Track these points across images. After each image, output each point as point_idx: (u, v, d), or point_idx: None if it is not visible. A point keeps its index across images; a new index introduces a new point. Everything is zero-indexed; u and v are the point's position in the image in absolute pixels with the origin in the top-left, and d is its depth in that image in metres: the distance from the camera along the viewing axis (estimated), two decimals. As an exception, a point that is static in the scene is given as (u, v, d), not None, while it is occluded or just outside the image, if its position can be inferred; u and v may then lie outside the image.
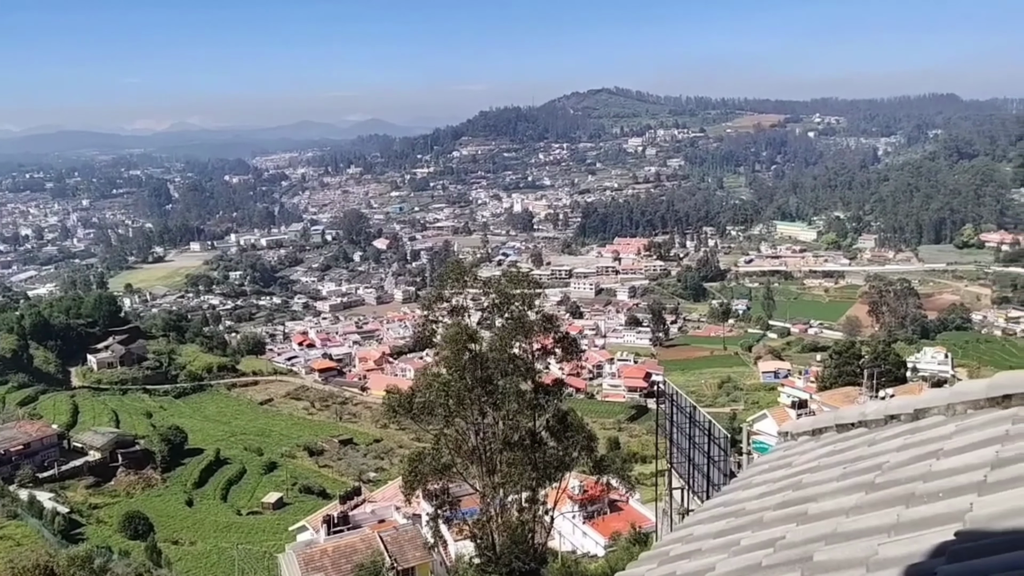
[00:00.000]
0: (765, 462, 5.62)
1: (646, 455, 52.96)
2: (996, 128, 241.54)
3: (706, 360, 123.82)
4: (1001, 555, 2.40)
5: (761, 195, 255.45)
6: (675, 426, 23.91)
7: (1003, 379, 3.98)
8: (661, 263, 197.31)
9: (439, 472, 23.50)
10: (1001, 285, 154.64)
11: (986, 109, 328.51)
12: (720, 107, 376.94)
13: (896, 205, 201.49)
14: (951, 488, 3.10)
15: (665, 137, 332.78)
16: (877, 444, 4.40)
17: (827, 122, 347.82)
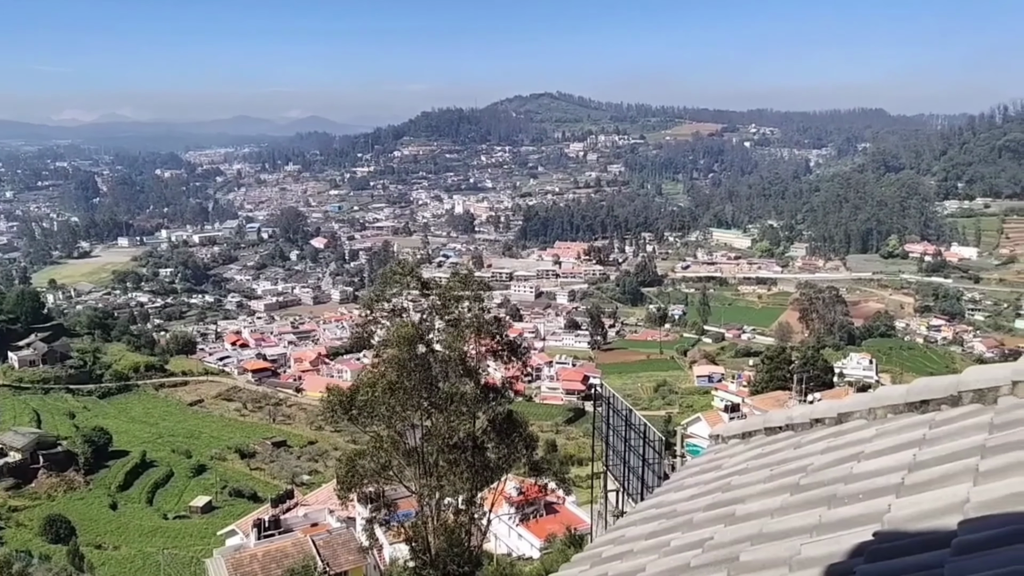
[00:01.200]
0: (696, 465, 5.73)
1: (583, 457, 53.47)
2: (921, 143, 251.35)
3: (643, 364, 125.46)
4: (916, 555, 2.48)
5: (698, 202, 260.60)
6: (611, 429, 24.17)
7: (921, 385, 4.14)
8: (600, 267, 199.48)
9: (376, 474, 23.23)
10: (923, 294, 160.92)
11: (912, 124, 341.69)
12: (660, 115, 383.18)
13: (826, 215, 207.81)
14: (871, 490, 3.21)
15: (606, 143, 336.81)
16: (803, 447, 4.53)
17: (762, 133, 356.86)
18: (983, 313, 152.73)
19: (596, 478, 27.00)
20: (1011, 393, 3.56)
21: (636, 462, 22.39)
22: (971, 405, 3.73)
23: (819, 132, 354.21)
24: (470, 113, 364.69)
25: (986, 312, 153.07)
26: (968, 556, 2.27)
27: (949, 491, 2.81)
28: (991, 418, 3.37)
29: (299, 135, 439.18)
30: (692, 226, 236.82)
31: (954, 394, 3.87)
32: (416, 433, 23.22)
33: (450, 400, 22.03)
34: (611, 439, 24.24)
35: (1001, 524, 2.39)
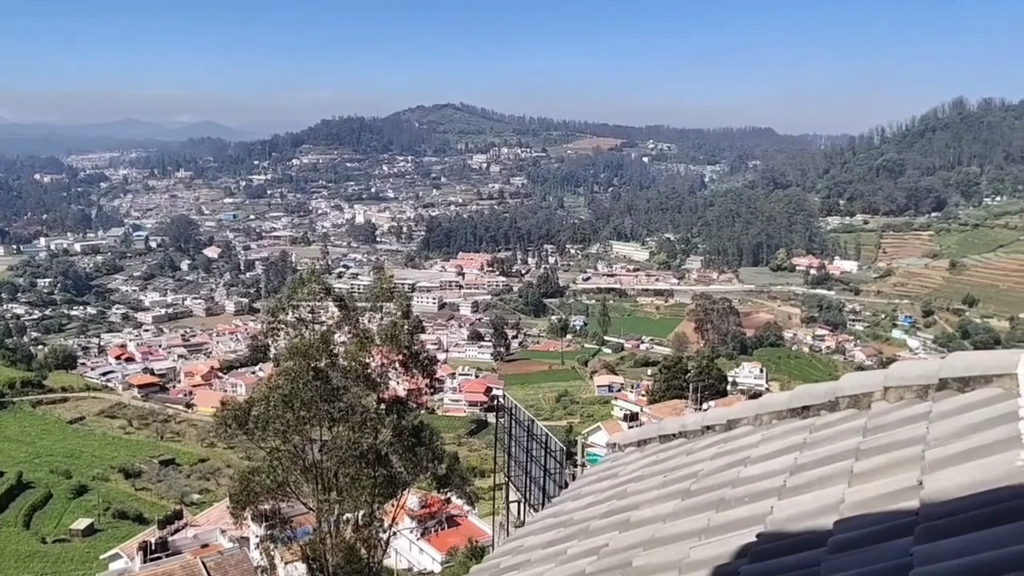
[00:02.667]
0: (594, 473, 5.82)
1: (485, 469, 53.45)
2: (806, 161, 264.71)
3: (545, 374, 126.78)
4: (796, 555, 2.57)
5: (599, 215, 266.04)
6: (514, 440, 24.31)
7: (802, 392, 4.34)
8: (504, 279, 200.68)
9: (272, 490, 22.50)
10: (809, 306, 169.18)
11: (798, 144, 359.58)
12: (561, 128, 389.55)
13: (720, 229, 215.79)
14: (755, 493, 3.34)
15: (509, 155, 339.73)
16: (694, 453, 4.67)
17: (660, 148, 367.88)
18: (863, 323, 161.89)
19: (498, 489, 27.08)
20: (883, 398, 3.77)
21: (538, 472, 22.61)
22: (847, 410, 3.93)
23: (713, 149, 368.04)
24: (372, 122, 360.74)
25: (865, 322, 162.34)
26: (842, 554, 2.36)
27: (826, 492, 2.96)
28: (865, 422, 3.57)
29: (191, 140, 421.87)
30: (593, 238, 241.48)
31: (832, 400, 4.07)
32: (316, 447, 22.65)
33: (352, 413, 21.62)
34: (513, 450, 24.40)
35: (872, 523, 2.52)
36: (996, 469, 2.41)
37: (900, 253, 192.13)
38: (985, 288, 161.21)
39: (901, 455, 2.94)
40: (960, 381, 3.36)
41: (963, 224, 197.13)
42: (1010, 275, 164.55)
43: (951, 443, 2.78)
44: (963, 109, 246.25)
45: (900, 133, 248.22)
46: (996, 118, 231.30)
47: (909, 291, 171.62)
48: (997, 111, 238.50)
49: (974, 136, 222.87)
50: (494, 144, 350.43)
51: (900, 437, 3.13)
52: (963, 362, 3.44)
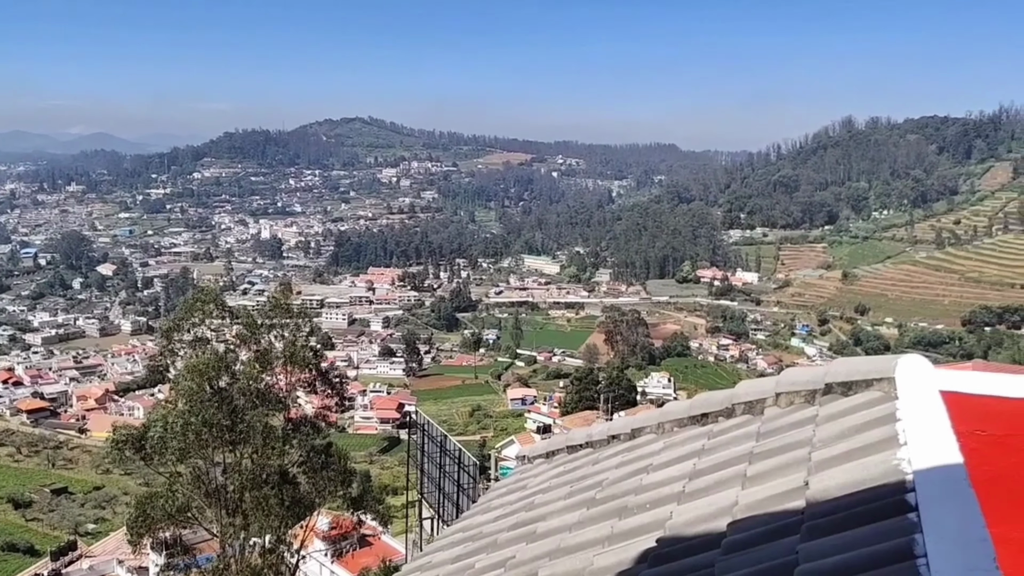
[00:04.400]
0: (503, 486, 5.84)
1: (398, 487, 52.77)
2: (708, 176, 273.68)
3: (458, 389, 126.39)
4: (693, 557, 2.64)
5: (510, 229, 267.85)
6: (427, 456, 24.15)
7: (701, 399, 4.49)
8: (415, 293, 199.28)
9: (173, 517, 21.57)
10: (713, 316, 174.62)
11: (701, 160, 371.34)
12: (472, 143, 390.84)
13: (628, 242, 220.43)
14: (656, 499, 3.43)
15: (419, 169, 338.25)
16: (600, 462, 4.75)
17: (568, 163, 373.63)
18: (764, 332, 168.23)
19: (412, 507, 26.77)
20: (775, 404, 3.94)
21: (451, 488, 22.51)
22: (743, 416, 4.08)
23: (620, 164, 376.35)
24: (277, 135, 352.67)
25: (766, 331, 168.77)
26: (735, 554, 2.45)
27: (722, 496, 3.06)
28: (758, 427, 3.71)
29: (84, 153, 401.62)
30: (504, 252, 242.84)
31: (729, 407, 4.22)
32: (219, 470, 21.87)
33: (255, 434, 20.97)
34: (426, 466, 24.23)
35: (762, 523, 2.61)
36: (875, 468, 2.50)
37: (797, 264, 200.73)
38: (875, 297, 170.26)
39: (790, 457, 3.07)
40: (844, 385, 3.54)
41: (854, 236, 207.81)
42: (897, 285, 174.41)
43: (835, 444, 2.93)
44: (852, 127, 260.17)
45: (795, 150, 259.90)
46: (882, 136, 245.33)
47: (806, 301, 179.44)
48: (883, 129, 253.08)
49: (862, 153, 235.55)
50: (404, 158, 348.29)
51: (789, 440, 3.28)
52: (846, 367, 3.63)
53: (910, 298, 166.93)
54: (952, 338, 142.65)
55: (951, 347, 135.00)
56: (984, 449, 3.09)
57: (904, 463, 2.46)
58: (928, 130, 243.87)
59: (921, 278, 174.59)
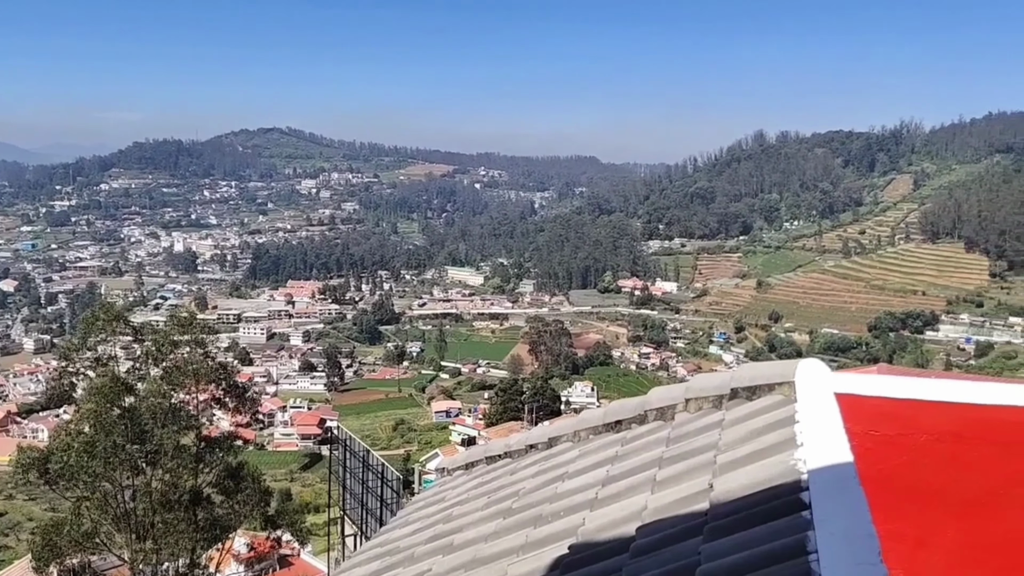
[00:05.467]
0: (422, 499, 5.80)
1: (320, 504, 51.69)
2: (628, 188, 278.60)
3: (381, 403, 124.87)
4: (602, 562, 2.69)
5: (433, 241, 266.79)
6: (349, 472, 23.77)
7: (615, 407, 4.57)
8: (336, 306, 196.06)
9: (80, 543, 20.59)
10: (634, 325, 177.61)
11: (620, 172, 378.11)
12: (393, 154, 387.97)
13: (550, 253, 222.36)
14: (570, 507, 3.47)
15: (339, 181, 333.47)
16: (518, 472, 4.77)
17: (491, 175, 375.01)
18: (683, 340, 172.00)
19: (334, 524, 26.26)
20: (685, 409, 4.04)
21: (374, 504, 22.21)
22: (655, 422, 4.18)
23: (542, 176, 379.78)
24: (191, 145, 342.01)
25: (686, 339, 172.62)
26: (642, 558, 2.51)
27: (632, 501, 3.13)
28: (668, 433, 3.81)
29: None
30: (428, 264, 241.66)
31: (641, 413, 4.31)
32: (128, 493, 20.99)
33: (166, 455, 20.23)
34: (349, 482, 23.84)
35: (669, 526, 2.66)
36: (775, 468, 2.59)
37: (714, 274, 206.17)
38: (787, 304, 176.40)
39: (697, 461, 3.16)
40: (748, 390, 3.66)
41: (767, 246, 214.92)
42: (808, 292, 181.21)
43: (738, 447, 3.03)
44: (764, 141, 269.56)
45: (710, 163, 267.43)
46: (792, 149, 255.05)
47: (723, 309, 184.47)
48: (792, 143, 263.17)
49: (773, 166, 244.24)
50: (324, 169, 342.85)
51: (697, 444, 3.37)
52: (750, 373, 3.76)
53: (820, 305, 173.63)
54: (859, 343, 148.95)
55: (859, 352, 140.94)
56: (876, 448, 3.25)
57: (800, 463, 2.54)
58: (834, 144, 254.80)
59: (830, 286, 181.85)
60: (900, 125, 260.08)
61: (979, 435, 3.24)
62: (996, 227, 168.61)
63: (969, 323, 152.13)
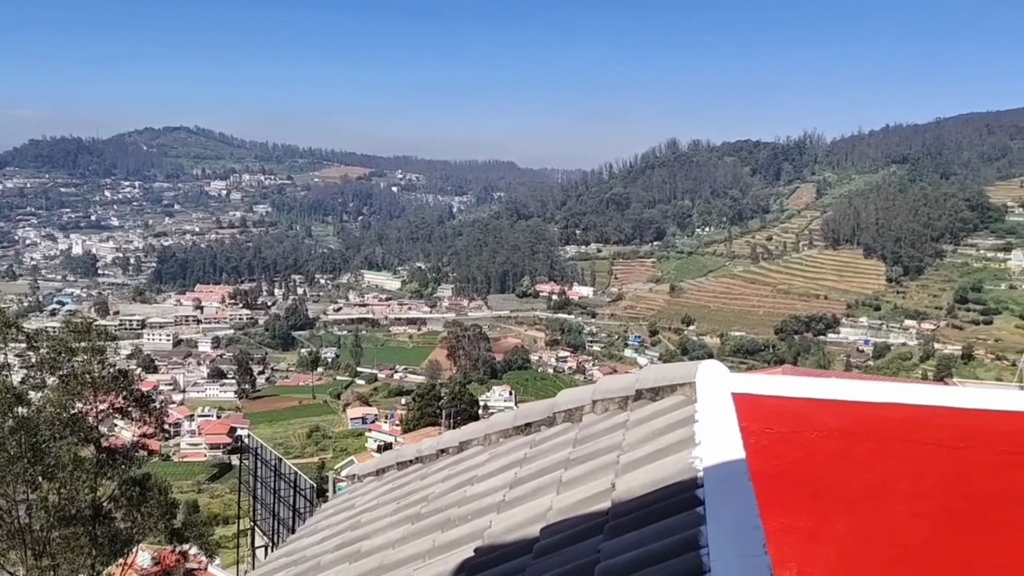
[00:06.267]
0: (331, 507, 5.71)
1: (229, 516, 50.23)
2: (546, 194, 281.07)
3: (295, 410, 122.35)
4: (507, 563, 2.71)
5: (349, 245, 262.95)
6: (260, 481, 23.18)
7: (524, 409, 4.61)
8: (248, 311, 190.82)
9: (-32, 565, 19.39)
10: (552, 329, 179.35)
11: (538, 177, 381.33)
12: (308, 156, 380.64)
13: (469, 258, 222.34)
14: (478, 510, 3.48)
15: (251, 182, 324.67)
16: (428, 477, 4.75)
17: (408, 179, 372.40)
18: (600, 344, 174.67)
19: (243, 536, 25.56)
20: (592, 411, 4.11)
21: (286, 513, 21.71)
22: (563, 424, 4.23)
23: (460, 180, 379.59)
24: (91, 144, 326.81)
25: (602, 343, 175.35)
26: (544, 558, 2.55)
27: (538, 502, 3.15)
28: (576, 434, 3.86)
29: None
30: (343, 268, 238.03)
31: (550, 415, 4.36)
32: (24, 508, 19.89)
33: (64, 467, 19.26)
34: (259, 492, 23.24)
35: (572, 526, 2.70)
36: (673, 467, 2.66)
37: (629, 278, 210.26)
38: (699, 308, 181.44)
39: (601, 461, 3.22)
40: (652, 391, 3.75)
41: (680, 252, 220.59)
42: (718, 297, 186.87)
43: (641, 447, 3.10)
44: (676, 149, 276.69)
45: (625, 169, 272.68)
46: (703, 157, 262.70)
47: (638, 313, 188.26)
48: (704, 151, 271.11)
49: (686, 173, 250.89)
50: (234, 170, 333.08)
51: (602, 445, 3.43)
52: (654, 374, 3.85)
53: (730, 309, 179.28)
54: (767, 345, 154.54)
55: (766, 354, 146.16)
56: (771, 446, 3.38)
57: (697, 461, 2.61)
58: (743, 153, 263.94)
59: (739, 290, 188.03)
60: (804, 136, 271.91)
61: (866, 432, 3.41)
62: (892, 234, 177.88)
63: (868, 326, 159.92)
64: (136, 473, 22.21)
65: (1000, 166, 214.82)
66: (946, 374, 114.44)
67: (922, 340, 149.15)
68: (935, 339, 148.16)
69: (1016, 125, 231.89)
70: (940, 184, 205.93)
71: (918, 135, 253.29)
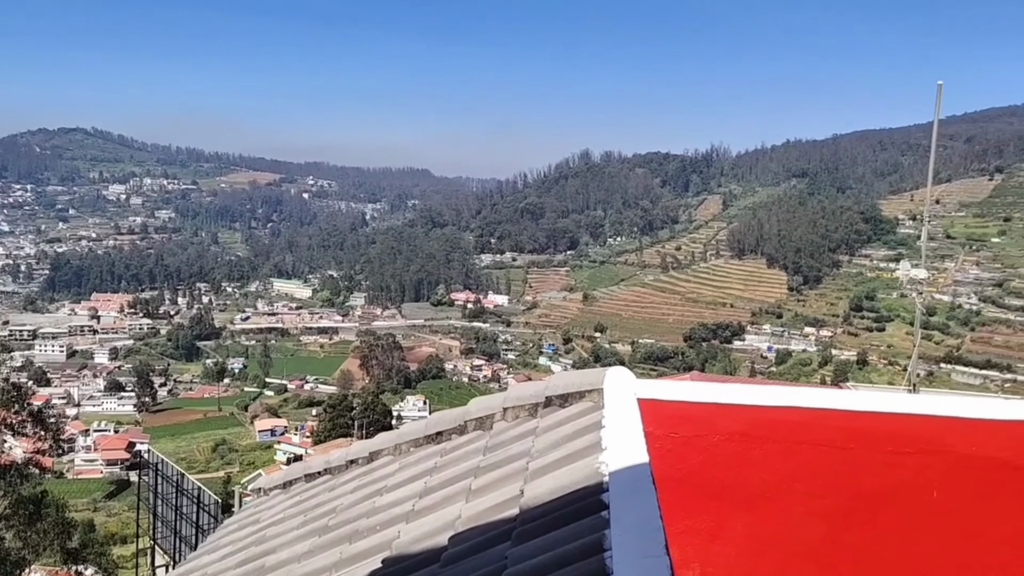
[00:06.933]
0: (235, 522, 5.53)
1: (128, 534, 48.05)
2: (461, 202, 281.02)
3: (199, 423, 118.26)
4: (415, 573, 2.69)
5: (258, 252, 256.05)
6: (160, 498, 22.24)
7: (435, 418, 4.59)
8: (149, 321, 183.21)
9: None
10: (467, 338, 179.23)
11: (453, 185, 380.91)
12: (214, 160, 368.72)
13: (383, 266, 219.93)
14: (387, 520, 3.43)
15: (153, 187, 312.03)
16: (336, 488, 4.66)
17: (320, 185, 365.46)
18: (514, 352, 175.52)
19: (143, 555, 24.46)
20: (503, 418, 4.12)
21: (189, 531, 20.89)
22: (474, 432, 4.23)
23: (373, 187, 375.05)
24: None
25: (517, 351, 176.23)
26: (452, 566, 2.56)
27: (447, 511, 3.14)
28: (486, 442, 3.86)
29: None
30: (252, 276, 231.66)
31: (462, 424, 4.35)
32: None
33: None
34: (160, 509, 22.28)
35: (480, 534, 2.71)
36: (581, 472, 2.69)
37: (543, 287, 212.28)
38: (611, 317, 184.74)
39: (511, 468, 3.23)
40: (561, 398, 3.80)
41: (592, 261, 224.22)
42: (630, 305, 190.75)
43: (549, 453, 3.12)
44: (589, 160, 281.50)
45: (539, 179, 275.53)
46: (615, 168, 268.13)
47: (552, 321, 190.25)
48: (616, 163, 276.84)
49: (598, 183, 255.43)
50: (135, 174, 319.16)
51: (512, 452, 3.45)
52: (563, 381, 3.90)
53: (641, 317, 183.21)
54: (676, 353, 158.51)
55: (675, 361, 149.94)
56: (676, 449, 3.47)
57: (603, 466, 2.63)
58: (653, 165, 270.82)
59: (649, 299, 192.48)
60: (711, 149, 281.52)
61: (765, 434, 3.54)
62: (793, 245, 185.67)
63: (771, 333, 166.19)
64: (29, 491, 21.04)
65: (892, 181, 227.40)
66: (843, 379, 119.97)
67: (821, 346, 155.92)
68: (833, 345, 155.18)
69: (907, 142, 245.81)
70: (837, 197, 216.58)
71: (816, 150, 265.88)
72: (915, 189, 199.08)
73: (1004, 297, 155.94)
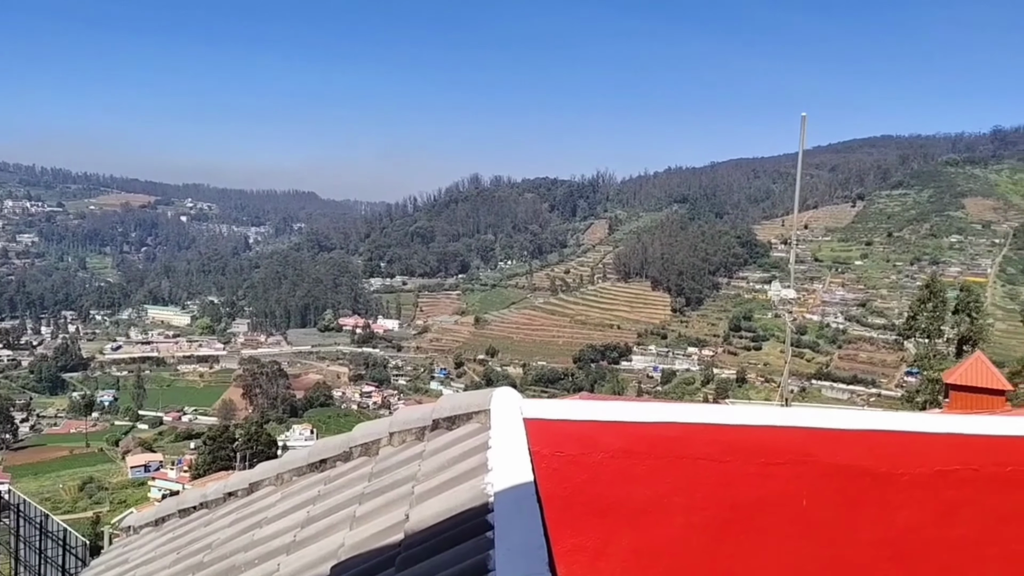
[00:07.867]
0: (102, 563, 5.18)
1: (-16, 584, 44.23)
2: (349, 226, 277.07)
3: (65, 461, 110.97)
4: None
5: (131, 278, 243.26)
6: (23, 541, 20.78)
7: (319, 446, 4.46)
8: (9, 352, 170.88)
9: None
10: (356, 364, 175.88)
11: (341, 209, 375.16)
12: (83, 182, 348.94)
13: (267, 291, 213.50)
14: (266, 553, 3.30)
15: (15, 209, 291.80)
16: (213, 523, 4.45)
17: (199, 208, 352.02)
18: (406, 378, 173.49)
19: (0, 606, 22.61)
20: (389, 443, 4.05)
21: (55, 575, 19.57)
22: (360, 458, 4.13)
23: (257, 210, 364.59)
24: None
25: (408, 376, 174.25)
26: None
27: (330, 540, 3.05)
28: (372, 468, 3.78)
29: None
30: (124, 303, 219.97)
31: (346, 450, 4.25)
32: None
33: None
34: (23, 553, 20.80)
35: (363, 561, 2.67)
36: (467, 494, 2.68)
37: (434, 311, 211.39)
38: (503, 340, 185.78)
39: (397, 493, 3.17)
40: (448, 420, 3.77)
41: (484, 284, 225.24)
42: (521, 328, 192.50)
43: (436, 476, 3.09)
44: (479, 184, 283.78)
45: (430, 203, 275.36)
46: (505, 193, 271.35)
47: (443, 345, 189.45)
48: (505, 187, 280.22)
49: (488, 208, 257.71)
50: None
51: (398, 477, 3.39)
52: (451, 403, 3.88)
53: (532, 340, 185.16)
54: (567, 374, 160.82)
55: (566, 382, 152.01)
56: (561, 468, 3.50)
57: (489, 487, 2.64)
58: (542, 190, 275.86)
59: (540, 321, 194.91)
60: (597, 175, 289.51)
61: (646, 450, 3.63)
62: (675, 268, 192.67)
63: (656, 353, 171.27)
64: None
65: (765, 207, 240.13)
66: (724, 396, 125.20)
67: (703, 365, 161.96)
68: (714, 364, 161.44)
69: (777, 170, 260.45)
70: (715, 222, 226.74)
71: (696, 177, 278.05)
72: (786, 215, 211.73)
73: (867, 316, 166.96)
